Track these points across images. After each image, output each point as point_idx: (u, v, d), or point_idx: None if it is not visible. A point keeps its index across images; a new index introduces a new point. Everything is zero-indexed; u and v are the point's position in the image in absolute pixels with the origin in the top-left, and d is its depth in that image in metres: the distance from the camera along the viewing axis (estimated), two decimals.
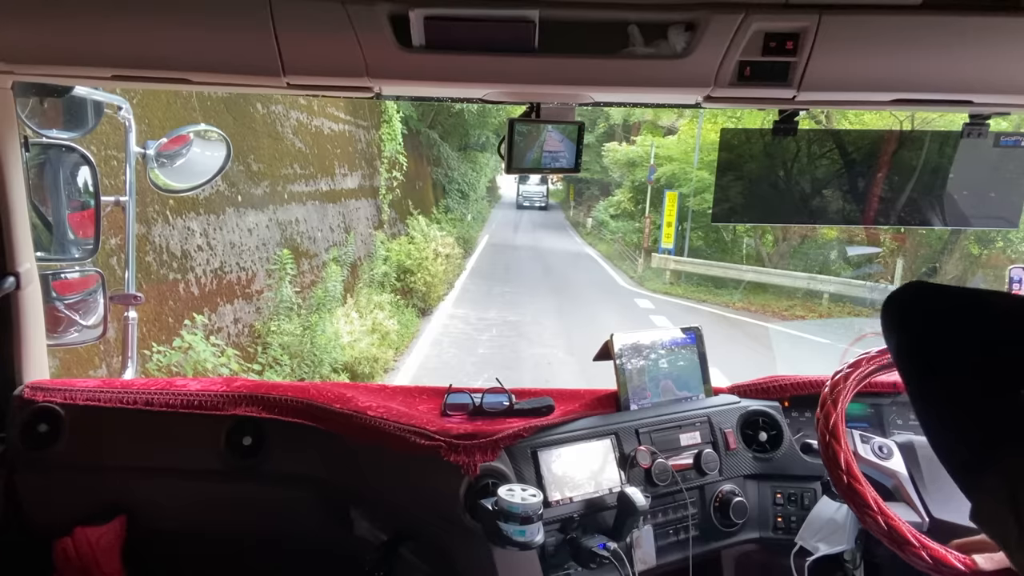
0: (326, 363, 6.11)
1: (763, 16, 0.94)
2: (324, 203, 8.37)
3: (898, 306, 0.71)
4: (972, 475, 0.62)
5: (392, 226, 11.68)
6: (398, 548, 1.33)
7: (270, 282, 6.16)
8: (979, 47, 0.97)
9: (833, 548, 1.29)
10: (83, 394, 1.39)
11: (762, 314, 11.81)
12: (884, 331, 0.71)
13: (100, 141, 3.57)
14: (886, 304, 0.71)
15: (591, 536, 1.25)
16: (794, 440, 1.49)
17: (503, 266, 15.80)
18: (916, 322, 0.69)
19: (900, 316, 0.70)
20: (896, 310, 0.71)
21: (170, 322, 4.50)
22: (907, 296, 0.70)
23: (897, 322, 0.71)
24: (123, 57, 1.00)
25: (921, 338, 0.68)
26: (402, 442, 1.24)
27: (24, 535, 1.37)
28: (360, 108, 10.29)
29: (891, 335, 0.71)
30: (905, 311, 0.70)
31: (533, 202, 35.40)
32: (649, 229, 17.39)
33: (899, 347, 0.70)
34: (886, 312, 0.71)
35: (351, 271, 8.53)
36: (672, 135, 18.67)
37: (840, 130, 2.75)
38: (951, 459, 0.64)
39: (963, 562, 0.95)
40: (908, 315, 0.70)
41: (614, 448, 1.36)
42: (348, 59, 0.97)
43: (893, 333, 0.71)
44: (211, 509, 1.44)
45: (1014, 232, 9.57)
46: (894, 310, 0.71)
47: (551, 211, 35.63)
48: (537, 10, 0.94)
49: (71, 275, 1.57)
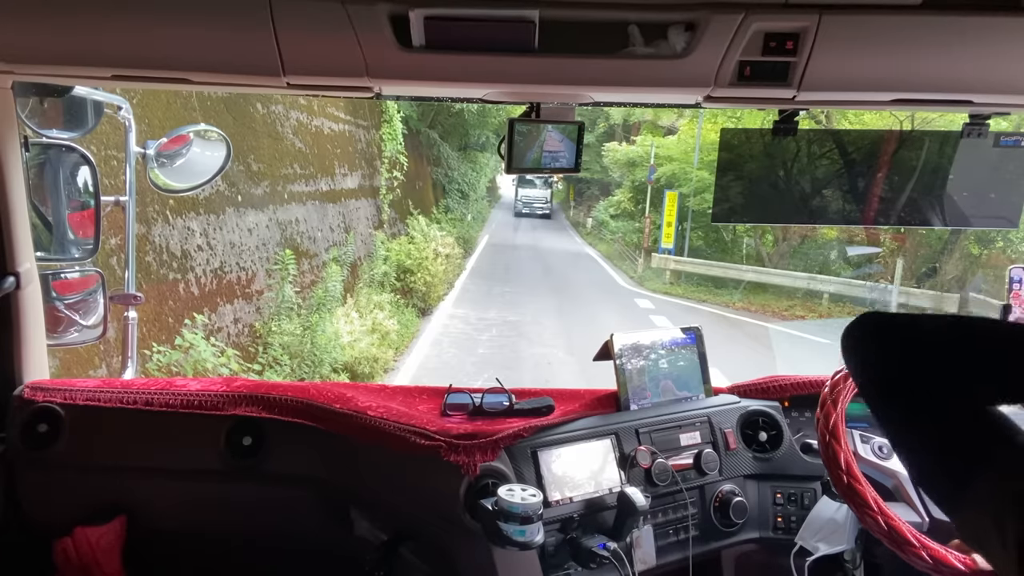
0: (326, 363, 6.11)
1: (763, 16, 0.94)
2: (324, 203, 8.37)
3: (860, 336, 0.71)
4: (950, 494, 0.63)
5: (392, 226, 11.67)
6: (398, 548, 1.33)
7: (270, 282, 6.16)
8: (979, 47, 0.97)
9: (833, 548, 1.29)
10: (83, 394, 1.39)
11: (762, 314, 11.80)
12: (846, 362, 0.72)
13: (100, 141, 3.57)
14: (845, 337, 0.71)
15: (591, 536, 1.25)
16: (794, 440, 1.49)
17: (503, 266, 15.80)
18: (878, 351, 0.69)
19: (862, 345, 0.71)
20: (857, 340, 0.71)
21: (170, 322, 4.50)
22: (867, 326, 0.71)
23: (859, 351, 0.71)
24: (123, 57, 1.00)
25: (884, 364, 0.69)
26: (402, 442, 1.24)
27: (24, 535, 1.37)
28: (360, 108, 10.28)
29: (853, 364, 0.72)
30: (866, 340, 0.71)
31: (534, 209, 30.01)
32: (649, 229, 17.39)
33: (863, 375, 0.71)
34: (847, 343, 0.71)
35: (351, 271, 8.52)
36: (672, 135, 18.67)
37: (840, 130, 2.75)
38: (926, 480, 0.66)
39: (963, 562, 0.95)
40: (869, 344, 0.70)
41: (614, 448, 1.36)
42: (348, 59, 0.97)
43: (854, 362, 0.72)
44: (211, 509, 1.44)
45: (1014, 232, 9.57)
46: (855, 340, 0.71)
47: (552, 213, 31.18)
48: (537, 10, 0.94)
49: (71, 275, 1.57)
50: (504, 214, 30.70)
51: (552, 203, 31.26)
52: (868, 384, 0.70)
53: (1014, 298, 1.56)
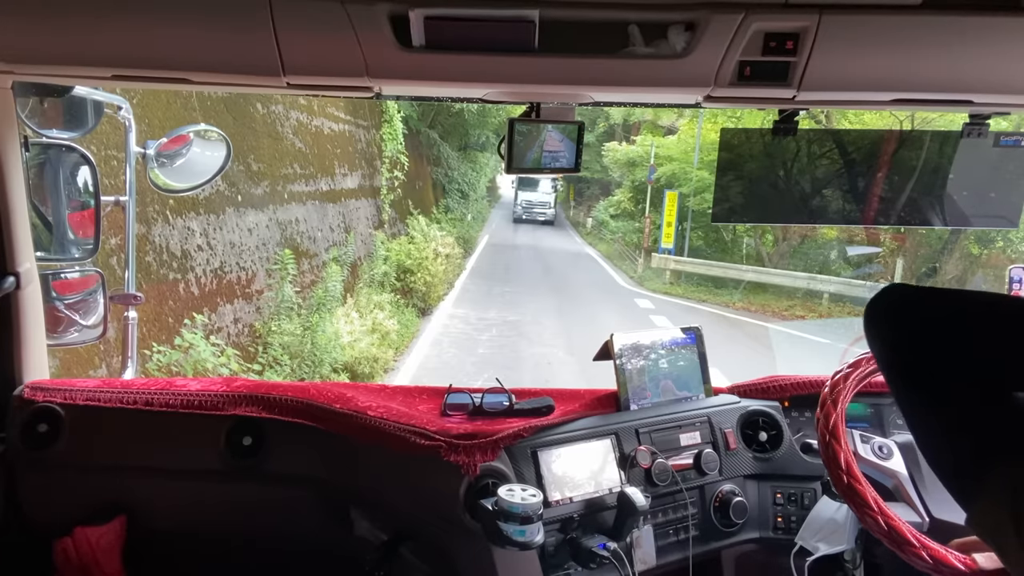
0: (326, 363, 6.11)
1: (763, 16, 0.94)
2: (324, 203, 8.37)
3: (880, 312, 0.67)
4: (967, 483, 0.61)
5: (392, 226, 11.67)
6: (398, 548, 1.33)
7: (270, 282, 6.16)
8: (979, 47, 0.97)
9: (833, 548, 1.29)
10: (83, 394, 1.39)
11: (762, 314, 11.80)
12: (868, 339, 0.68)
13: (100, 141, 3.57)
14: (868, 310, 0.68)
15: (591, 536, 1.25)
16: (794, 440, 1.49)
17: (503, 266, 15.80)
18: (899, 329, 0.66)
19: (883, 322, 0.68)
20: (878, 317, 0.68)
21: (170, 322, 4.50)
22: (888, 301, 0.67)
23: (880, 329, 0.68)
24: (123, 57, 1.00)
25: (906, 345, 0.65)
26: (402, 442, 1.24)
27: (24, 535, 1.37)
28: (360, 108, 10.28)
29: (874, 343, 0.68)
30: (887, 317, 0.67)
31: (535, 215, 26.77)
32: (649, 229, 17.39)
33: (883, 355, 0.68)
34: (868, 319, 0.68)
35: (351, 271, 8.52)
36: (672, 135, 18.67)
37: (840, 130, 2.75)
38: (944, 467, 0.63)
39: (963, 562, 0.95)
40: (891, 321, 0.67)
41: (614, 448, 1.36)
42: (348, 59, 0.97)
43: (876, 341, 0.68)
44: (211, 509, 1.44)
45: (1014, 232, 9.57)
46: (876, 317, 0.68)
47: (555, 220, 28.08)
48: (537, 10, 0.94)
49: (71, 275, 1.57)
50: (504, 214, 29.97)
51: (556, 208, 28.40)
52: (886, 365, 0.67)
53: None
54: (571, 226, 29.21)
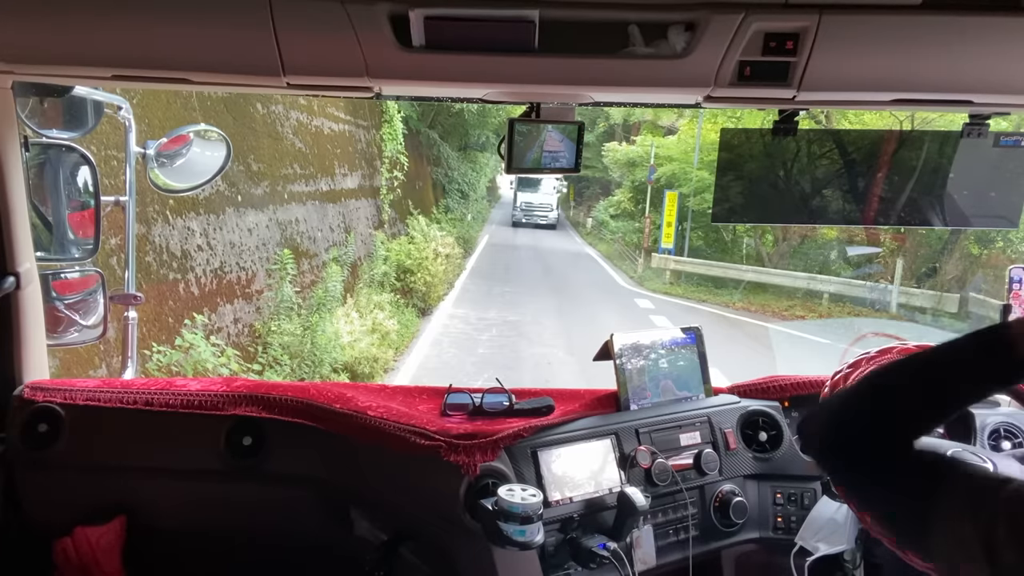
0: (326, 363, 6.10)
1: (763, 16, 0.94)
2: (324, 203, 8.36)
3: (805, 436, 1.03)
4: (920, 545, 0.73)
5: (392, 226, 11.66)
6: (398, 548, 1.33)
7: (270, 282, 6.15)
8: (979, 47, 0.97)
9: (833, 548, 1.29)
10: (83, 394, 1.39)
11: (762, 314, 11.80)
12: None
13: (100, 141, 3.57)
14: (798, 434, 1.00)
15: (591, 536, 1.25)
16: (794, 440, 1.49)
17: (503, 266, 15.79)
18: (816, 434, 0.88)
19: (810, 439, 0.94)
20: (806, 439, 1.02)
21: (170, 322, 4.50)
22: (804, 427, 0.98)
23: (811, 444, 0.94)
24: (123, 57, 1.00)
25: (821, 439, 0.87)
26: (402, 442, 1.24)
27: (24, 535, 1.37)
28: (360, 108, 10.28)
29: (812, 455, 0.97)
30: (808, 433, 0.96)
31: (535, 218, 25.21)
32: (649, 229, 17.38)
33: (819, 457, 0.91)
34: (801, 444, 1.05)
35: (351, 271, 8.52)
36: (672, 135, 18.66)
37: (840, 130, 2.75)
38: (897, 538, 0.82)
39: None
40: (810, 431, 0.92)
41: (614, 448, 1.36)
42: (348, 59, 0.97)
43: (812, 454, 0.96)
44: (211, 509, 1.44)
45: (1014, 232, 9.57)
46: (805, 438, 1.03)
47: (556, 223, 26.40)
48: (537, 10, 0.94)
49: (71, 275, 1.57)
50: (504, 214, 29.34)
51: (558, 211, 26.87)
52: (817, 453, 0.90)
53: (1014, 298, 1.56)
54: (571, 226, 29.18)
